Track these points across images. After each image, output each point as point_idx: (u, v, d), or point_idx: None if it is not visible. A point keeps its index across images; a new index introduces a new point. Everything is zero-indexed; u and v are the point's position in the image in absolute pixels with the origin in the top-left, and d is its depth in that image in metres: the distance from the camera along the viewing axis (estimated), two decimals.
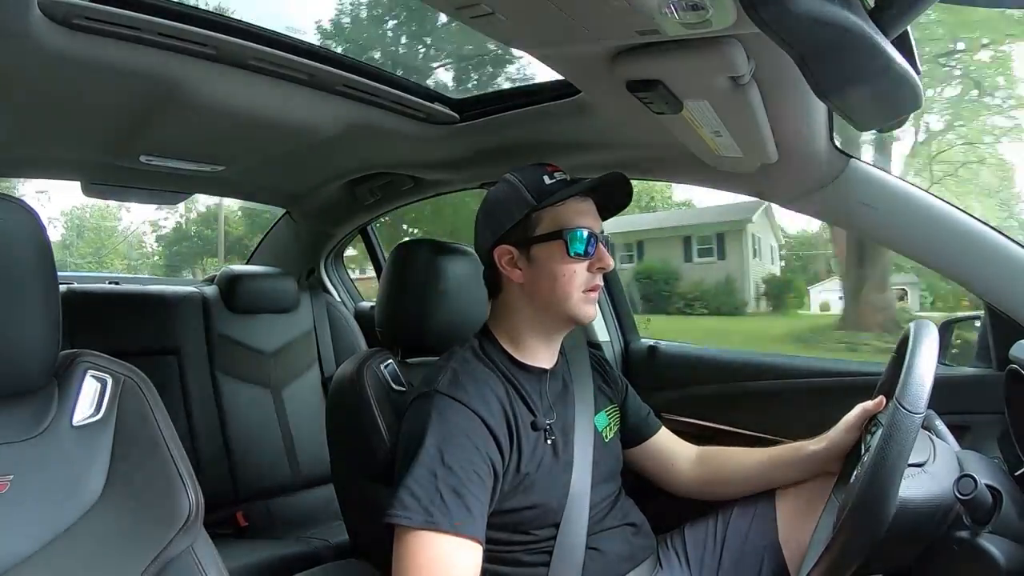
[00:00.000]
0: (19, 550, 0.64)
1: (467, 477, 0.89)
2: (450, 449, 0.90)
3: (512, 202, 1.03)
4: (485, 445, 0.93)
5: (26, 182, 11.66)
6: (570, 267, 1.01)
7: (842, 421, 1.08)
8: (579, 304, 1.03)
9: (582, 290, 1.02)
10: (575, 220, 1.02)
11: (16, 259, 0.66)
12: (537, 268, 1.03)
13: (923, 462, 0.85)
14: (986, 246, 1.11)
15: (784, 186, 1.24)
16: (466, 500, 0.88)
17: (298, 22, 6.75)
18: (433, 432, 0.92)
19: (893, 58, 0.62)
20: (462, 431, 0.92)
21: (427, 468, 0.89)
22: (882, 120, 0.81)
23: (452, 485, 0.88)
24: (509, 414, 0.99)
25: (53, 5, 0.84)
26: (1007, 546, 0.79)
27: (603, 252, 1.03)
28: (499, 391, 1.00)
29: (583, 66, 0.92)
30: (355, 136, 1.40)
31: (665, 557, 1.17)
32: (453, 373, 0.99)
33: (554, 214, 1.02)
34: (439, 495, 0.87)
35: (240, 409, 1.98)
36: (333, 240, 2.33)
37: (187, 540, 0.74)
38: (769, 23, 0.58)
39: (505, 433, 0.97)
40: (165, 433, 0.76)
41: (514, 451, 0.98)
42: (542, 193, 1.02)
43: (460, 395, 0.95)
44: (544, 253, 1.02)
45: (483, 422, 0.94)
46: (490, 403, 0.97)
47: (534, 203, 1.01)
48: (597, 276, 1.04)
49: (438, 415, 0.93)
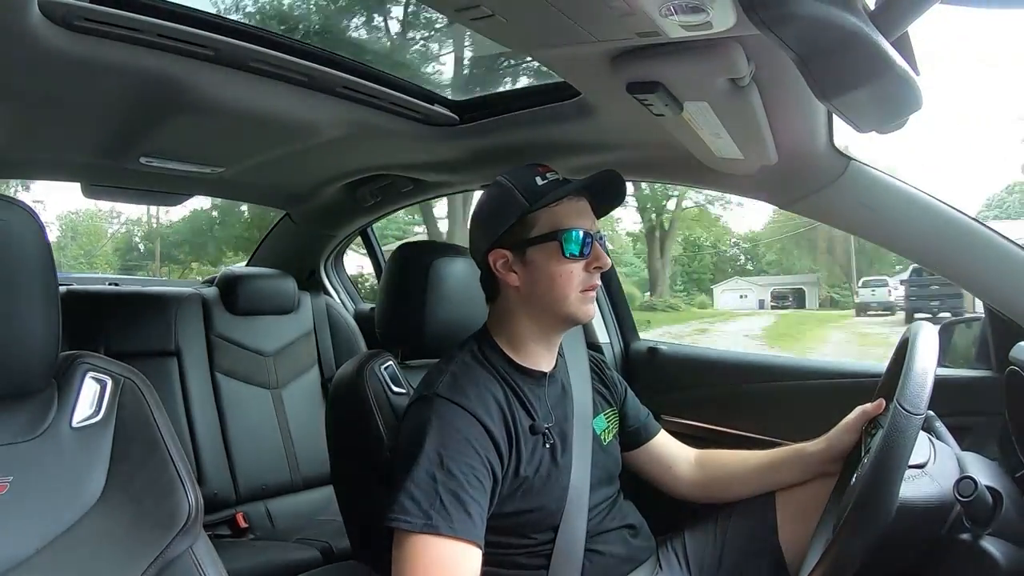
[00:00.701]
0: (19, 551, 0.63)
1: (467, 481, 0.89)
2: (450, 453, 0.90)
3: (505, 205, 1.02)
4: (485, 449, 0.93)
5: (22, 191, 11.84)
6: (567, 268, 1.00)
7: (842, 423, 1.08)
8: (577, 304, 1.02)
9: (580, 290, 1.02)
10: (570, 220, 1.01)
11: (16, 260, 0.66)
12: (533, 270, 1.02)
13: (923, 463, 0.85)
14: (986, 248, 1.11)
15: (784, 188, 1.24)
16: (466, 504, 0.87)
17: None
18: (433, 436, 0.91)
19: (893, 60, 0.62)
20: (462, 435, 0.92)
21: (427, 472, 0.89)
22: (882, 122, 0.81)
23: (452, 489, 0.88)
24: (508, 418, 0.98)
25: (53, 6, 0.84)
26: (1008, 548, 0.79)
27: (599, 251, 1.03)
28: (498, 395, 1.00)
29: (583, 68, 0.92)
30: (355, 138, 1.40)
31: (665, 559, 1.17)
32: (452, 376, 0.99)
33: (548, 215, 1.01)
34: (439, 499, 0.86)
35: (240, 410, 1.98)
36: (333, 242, 2.33)
37: (187, 541, 0.73)
38: (769, 25, 0.58)
39: (504, 437, 0.97)
40: (165, 434, 0.76)
41: (513, 455, 0.98)
42: (535, 195, 1.00)
43: (460, 399, 0.95)
44: (540, 255, 1.01)
45: (483, 426, 0.94)
46: (489, 407, 0.97)
47: (527, 205, 1.00)
48: (594, 275, 1.03)
49: (438, 419, 0.93)
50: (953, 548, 0.82)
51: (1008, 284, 1.11)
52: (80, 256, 21.21)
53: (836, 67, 0.64)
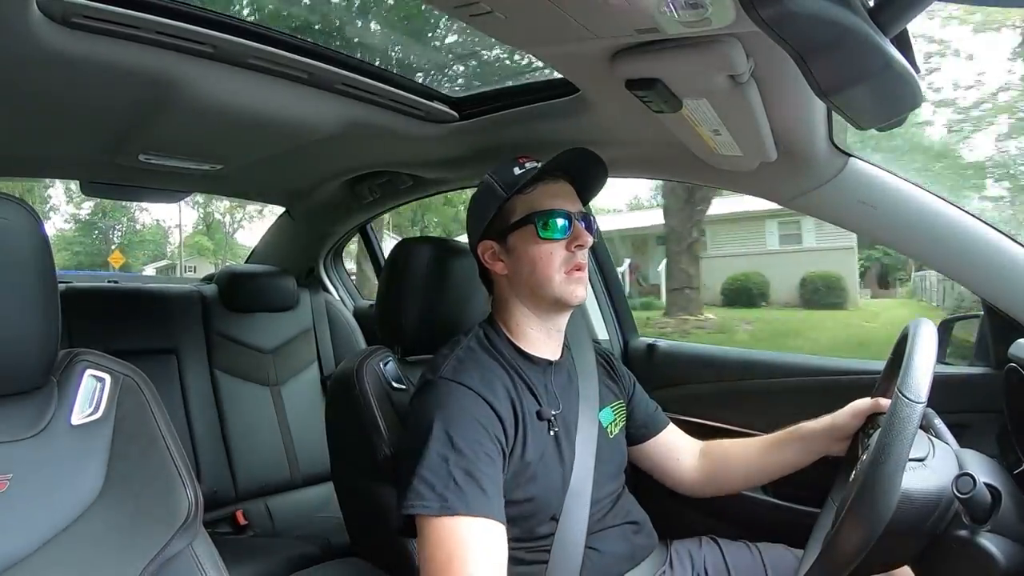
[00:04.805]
0: (18, 549, 0.64)
1: (477, 458, 0.89)
2: (458, 432, 0.90)
3: (486, 198, 1.05)
4: (492, 426, 0.94)
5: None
6: (545, 249, 1.02)
7: (849, 406, 1.08)
8: (563, 285, 1.02)
9: (563, 271, 1.02)
10: (544, 203, 1.03)
11: (16, 258, 0.66)
12: (516, 256, 1.04)
13: (923, 457, 0.85)
14: (986, 245, 1.11)
15: (783, 185, 1.23)
16: (480, 481, 0.88)
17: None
18: (440, 417, 0.91)
19: (892, 56, 0.62)
20: (469, 413, 0.92)
21: (438, 453, 0.89)
22: (881, 119, 0.80)
23: (464, 467, 0.88)
24: (515, 400, 0.99)
25: (52, 4, 0.84)
26: (1006, 545, 0.79)
27: (580, 230, 1.03)
28: (504, 379, 1.00)
29: (582, 64, 0.92)
30: (354, 135, 1.40)
31: (679, 560, 1.16)
32: (458, 360, 1.00)
33: (524, 201, 1.03)
34: (452, 479, 0.87)
35: (239, 407, 1.98)
36: (332, 239, 2.33)
37: (186, 539, 0.74)
38: (768, 22, 0.58)
39: (511, 418, 0.97)
40: (164, 432, 0.76)
41: (519, 437, 0.98)
42: (511, 184, 1.03)
43: (465, 380, 0.96)
44: (519, 240, 1.03)
45: (489, 405, 0.95)
46: (495, 388, 0.97)
47: (504, 195, 1.03)
48: (578, 254, 1.03)
49: (444, 400, 0.94)
50: (951, 545, 0.82)
51: (1007, 281, 1.11)
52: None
53: (835, 64, 0.64)
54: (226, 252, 23.43)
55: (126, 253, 23.02)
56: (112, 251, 20.26)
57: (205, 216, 22.53)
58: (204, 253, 24.43)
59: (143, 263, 24.54)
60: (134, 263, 23.77)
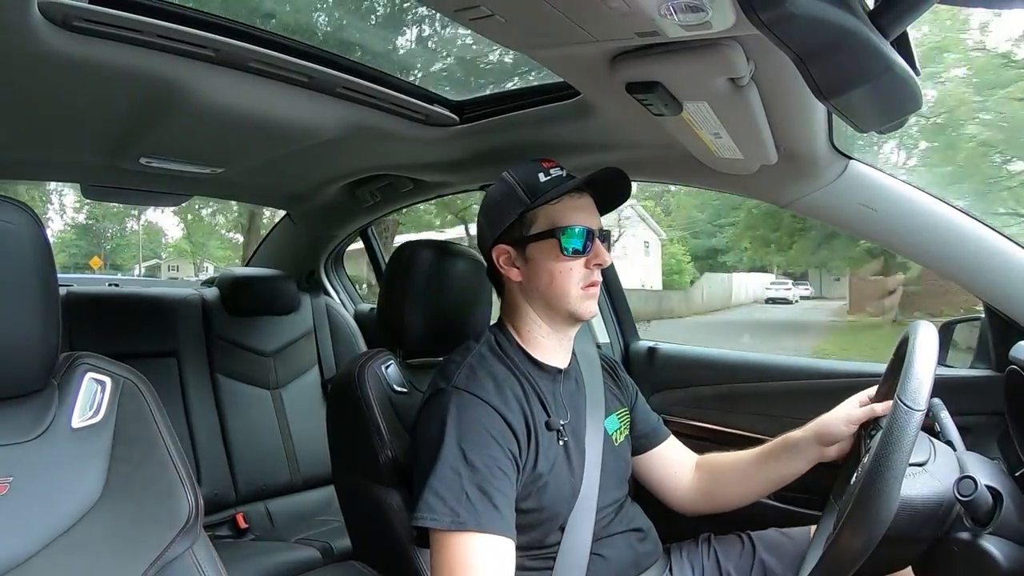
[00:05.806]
0: (18, 552, 0.63)
1: (491, 473, 0.88)
2: (471, 447, 0.89)
3: (507, 201, 1.03)
4: (506, 440, 0.93)
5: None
6: (565, 265, 1.00)
7: (843, 411, 1.08)
8: (578, 301, 1.02)
9: (580, 287, 1.02)
10: (569, 218, 1.01)
11: (16, 260, 0.66)
12: (533, 267, 1.02)
13: (923, 462, 0.85)
14: (986, 247, 1.11)
15: (784, 187, 1.23)
16: (492, 497, 0.87)
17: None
18: (453, 430, 0.91)
19: (893, 59, 0.62)
20: (482, 427, 0.91)
21: (450, 467, 0.88)
22: (882, 121, 0.81)
23: (477, 483, 0.87)
24: (527, 411, 0.98)
25: (53, 7, 0.84)
26: (1008, 547, 0.79)
27: (600, 249, 1.02)
28: (515, 388, 0.99)
29: (583, 68, 0.92)
30: (355, 138, 1.40)
31: (678, 565, 1.16)
32: (470, 369, 0.99)
33: (548, 212, 1.01)
34: (465, 495, 0.86)
35: (240, 411, 1.98)
36: (333, 242, 2.33)
37: (187, 542, 0.74)
38: (768, 25, 0.58)
39: (524, 430, 0.96)
40: (165, 435, 0.76)
41: (531, 448, 0.97)
42: (536, 191, 1.01)
43: (478, 391, 0.95)
44: (539, 252, 1.02)
45: (502, 418, 0.94)
46: (508, 399, 0.96)
47: (528, 202, 1.01)
48: (595, 272, 1.03)
49: (456, 412, 0.92)
50: (953, 547, 0.82)
51: (1007, 283, 1.11)
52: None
53: (835, 67, 0.64)
54: (204, 254, 26.00)
55: (115, 255, 25.70)
56: (92, 256, 21.14)
57: (187, 224, 24.54)
58: (184, 255, 27.39)
59: (131, 264, 26.84)
60: (124, 264, 26.18)
